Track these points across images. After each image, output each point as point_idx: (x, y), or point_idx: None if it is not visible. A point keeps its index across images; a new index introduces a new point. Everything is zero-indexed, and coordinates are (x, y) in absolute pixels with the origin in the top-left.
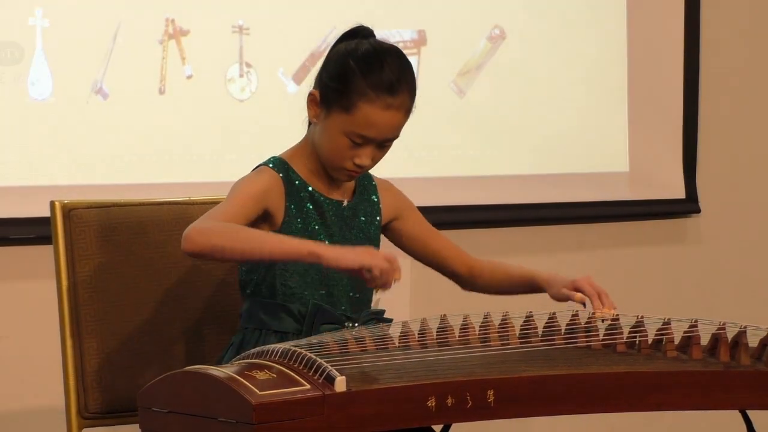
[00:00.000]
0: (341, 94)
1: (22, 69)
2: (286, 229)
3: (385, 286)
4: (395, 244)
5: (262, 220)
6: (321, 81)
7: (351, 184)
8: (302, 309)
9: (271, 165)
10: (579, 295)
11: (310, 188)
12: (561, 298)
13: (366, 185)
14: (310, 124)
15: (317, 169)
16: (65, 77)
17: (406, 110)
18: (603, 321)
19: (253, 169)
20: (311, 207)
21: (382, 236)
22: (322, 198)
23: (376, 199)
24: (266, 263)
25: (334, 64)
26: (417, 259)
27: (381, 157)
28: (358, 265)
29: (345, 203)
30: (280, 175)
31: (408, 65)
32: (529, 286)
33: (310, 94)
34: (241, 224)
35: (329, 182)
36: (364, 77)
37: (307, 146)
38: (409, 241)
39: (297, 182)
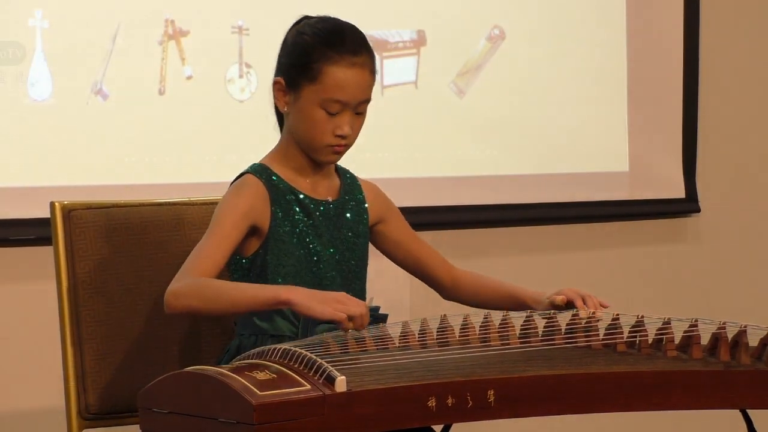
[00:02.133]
0: (305, 67)
1: (22, 70)
2: (273, 234)
3: (358, 329)
4: (378, 248)
5: (250, 233)
6: (281, 66)
7: (336, 183)
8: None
9: (251, 172)
10: (561, 297)
11: (295, 190)
12: (548, 309)
13: (351, 184)
14: (281, 125)
15: (299, 167)
16: (65, 78)
17: (371, 70)
18: (587, 320)
19: (235, 179)
20: (298, 209)
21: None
22: (307, 199)
23: (361, 198)
24: (258, 265)
25: (290, 46)
26: (400, 265)
27: (359, 126)
28: (327, 317)
29: (330, 200)
30: (263, 181)
31: (360, 31)
32: (515, 303)
33: (275, 83)
34: (227, 256)
35: (313, 182)
36: (323, 44)
37: (285, 146)
38: (393, 246)
39: (281, 186)
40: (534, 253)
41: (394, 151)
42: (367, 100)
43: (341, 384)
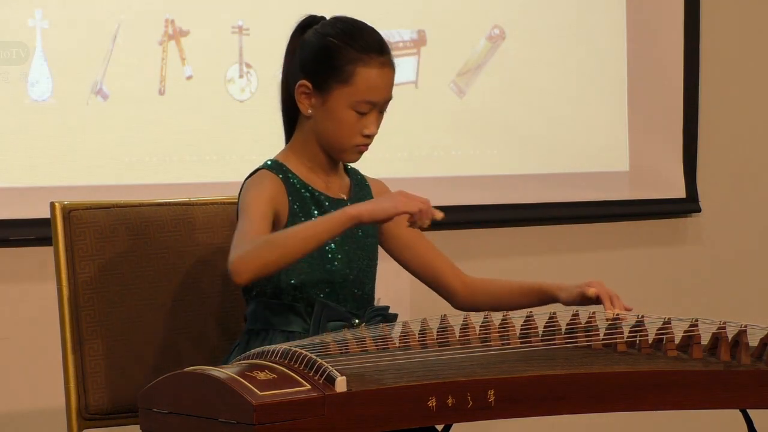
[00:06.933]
0: (335, 69)
1: (23, 70)
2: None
3: (423, 224)
4: (387, 249)
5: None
6: (306, 69)
7: (347, 182)
8: (308, 308)
9: (267, 168)
10: (593, 289)
11: (310, 187)
12: (574, 300)
13: (360, 184)
14: (290, 124)
15: (314, 166)
16: (65, 78)
17: (394, 67)
18: (613, 319)
19: (250, 174)
20: (313, 206)
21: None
22: (322, 196)
23: (371, 197)
24: None
25: (312, 49)
26: (408, 269)
27: (380, 122)
28: (395, 212)
29: (345, 198)
30: (279, 176)
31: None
32: (536, 296)
33: (300, 86)
34: (268, 232)
35: (327, 180)
36: (351, 46)
37: (301, 144)
38: (402, 248)
39: (296, 183)
40: (534, 254)
41: (394, 150)
42: (391, 98)
43: (341, 384)
